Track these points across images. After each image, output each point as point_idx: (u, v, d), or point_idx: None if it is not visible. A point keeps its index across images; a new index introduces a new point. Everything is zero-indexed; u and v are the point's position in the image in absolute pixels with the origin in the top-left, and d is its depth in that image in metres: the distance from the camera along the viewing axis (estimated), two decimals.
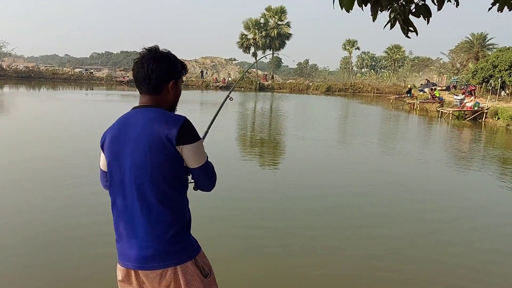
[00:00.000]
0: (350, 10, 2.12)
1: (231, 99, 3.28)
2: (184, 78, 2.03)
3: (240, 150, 12.27)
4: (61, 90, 37.12)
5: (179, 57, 1.96)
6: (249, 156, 11.34)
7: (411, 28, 2.43)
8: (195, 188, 1.99)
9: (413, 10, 2.41)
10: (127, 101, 28.69)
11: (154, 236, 1.77)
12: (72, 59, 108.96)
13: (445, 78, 42.77)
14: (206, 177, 1.90)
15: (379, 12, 2.47)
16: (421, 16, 2.39)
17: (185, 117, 1.82)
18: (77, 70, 59.79)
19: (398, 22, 2.41)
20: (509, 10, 2.69)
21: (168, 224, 1.78)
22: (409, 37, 2.47)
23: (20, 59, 76.46)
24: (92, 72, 56.69)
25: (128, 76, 54.74)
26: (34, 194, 6.55)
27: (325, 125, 18.98)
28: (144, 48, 1.88)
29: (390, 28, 2.45)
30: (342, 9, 2.08)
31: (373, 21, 2.33)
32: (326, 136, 15.35)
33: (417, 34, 2.46)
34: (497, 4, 2.68)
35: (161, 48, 1.91)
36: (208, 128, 2.72)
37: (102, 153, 1.93)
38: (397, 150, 13.11)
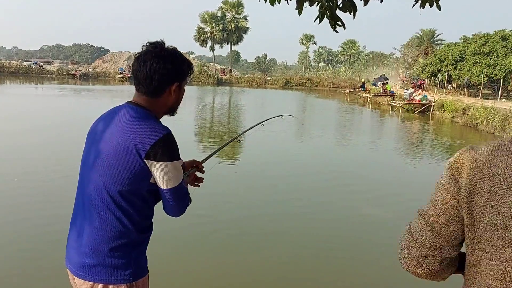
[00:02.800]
0: (276, 4, 2.20)
1: (238, 141, 3.06)
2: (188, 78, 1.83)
3: (199, 142, 12.26)
4: (8, 85, 35.32)
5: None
6: (210, 147, 11.35)
7: (338, 23, 2.55)
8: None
9: (340, 5, 2.54)
10: (81, 95, 27.77)
11: (94, 244, 1.62)
12: (21, 51, 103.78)
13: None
14: (174, 201, 1.68)
15: (309, 6, 2.59)
16: (347, 11, 2.52)
17: (167, 132, 1.62)
18: (25, 63, 56.99)
19: (326, 16, 2.52)
20: (430, 7, 2.87)
21: (111, 235, 1.62)
22: (336, 31, 2.59)
23: None
24: (42, 66, 54.22)
25: (80, 70, 52.83)
26: None
27: (283, 118, 19.19)
28: (148, 43, 1.68)
29: (319, 22, 2.55)
30: (266, 2, 2.15)
31: (299, 14, 2.42)
32: (284, 128, 15.59)
33: (344, 28, 2.59)
34: (420, 1, 2.86)
35: (167, 44, 1.71)
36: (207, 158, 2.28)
37: None
38: (350, 141, 13.56)
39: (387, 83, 31.57)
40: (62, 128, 12.98)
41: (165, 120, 1.75)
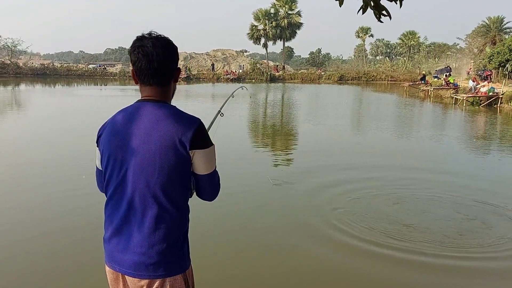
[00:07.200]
0: None
1: (221, 115, 3.19)
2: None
3: (252, 135, 12.27)
4: (75, 87, 37.55)
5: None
6: (261, 143, 11.33)
7: (384, 12, 2.34)
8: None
9: None
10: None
11: (151, 242, 1.65)
12: (87, 55, 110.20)
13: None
14: (212, 185, 1.78)
15: None
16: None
17: (199, 119, 1.70)
18: (91, 66, 60.52)
19: (370, 7, 2.33)
20: None
21: (168, 232, 1.66)
22: (381, 22, 2.38)
23: (36, 57, 77.72)
24: (105, 68, 57.25)
25: None
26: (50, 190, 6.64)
27: (338, 112, 18.79)
28: (146, 34, 1.68)
29: (362, 13, 2.36)
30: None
31: (340, 6, 2.25)
32: (341, 122, 15.27)
33: (390, 18, 2.37)
34: None
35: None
36: None
37: (97, 149, 1.77)
38: (409, 134, 12.97)
39: (450, 75, 29.86)
40: None
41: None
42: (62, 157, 9.02)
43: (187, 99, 26.26)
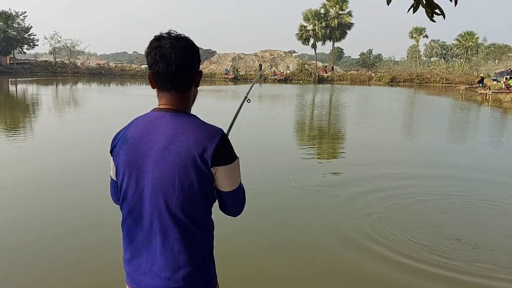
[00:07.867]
0: None
1: (248, 101, 3.12)
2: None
3: (298, 136, 12.13)
4: (128, 86, 38.99)
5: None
6: (305, 143, 11.16)
7: (436, 11, 2.14)
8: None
9: None
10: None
11: (175, 266, 1.53)
12: (140, 56, 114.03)
13: None
14: (236, 202, 1.63)
15: None
16: None
17: (222, 129, 1.54)
18: (143, 66, 62.60)
19: (422, 5, 2.14)
20: None
21: (192, 254, 1.54)
22: (434, 21, 2.19)
23: (93, 57, 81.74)
24: None
25: None
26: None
27: (388, 114, 18.19)
28: (165, 34, 1.51)
29: (413, 12, 2.18)
30: None
31: (388, 4, 2.08)
32: (390, 125, 14.77)
33: (444, 17, 2.17)
34: None
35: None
36: (228, 132, 2.38)
37: (112, 160, 1.64)
38: (465, 139, 12.34)
39: (511, 77, 28.06)
40: None
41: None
42: None
43: (234, 98, 26.51)
